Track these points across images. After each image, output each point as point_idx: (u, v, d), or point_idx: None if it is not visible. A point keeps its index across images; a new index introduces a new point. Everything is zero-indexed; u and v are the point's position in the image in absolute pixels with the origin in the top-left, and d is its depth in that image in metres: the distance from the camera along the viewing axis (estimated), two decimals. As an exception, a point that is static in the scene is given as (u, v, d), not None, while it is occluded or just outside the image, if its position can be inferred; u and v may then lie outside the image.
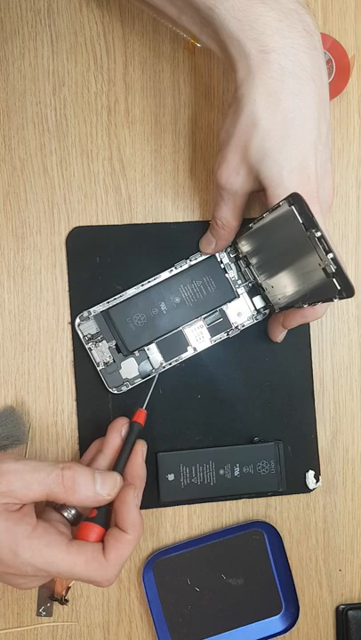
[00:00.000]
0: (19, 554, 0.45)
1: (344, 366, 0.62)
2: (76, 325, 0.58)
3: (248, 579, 0.61)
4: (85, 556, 0.46)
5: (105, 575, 0.47)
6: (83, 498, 0.47)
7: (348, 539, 0.62)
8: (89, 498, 0.48)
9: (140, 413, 0.53)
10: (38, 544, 0.45)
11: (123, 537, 0.48)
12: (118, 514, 0.49)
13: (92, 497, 0.48)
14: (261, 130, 0.47)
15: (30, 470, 0.46)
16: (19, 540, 0.45)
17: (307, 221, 0.45)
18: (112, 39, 0.60)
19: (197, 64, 0.61)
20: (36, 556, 0.45)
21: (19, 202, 0.59)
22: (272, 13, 0.45)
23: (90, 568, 0.46)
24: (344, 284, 0.44)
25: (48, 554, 0.45)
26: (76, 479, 0.47)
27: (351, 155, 0.62)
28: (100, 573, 0.46)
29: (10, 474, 0.46)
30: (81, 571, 0.46)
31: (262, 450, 0.60)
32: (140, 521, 0.49)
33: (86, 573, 0.46)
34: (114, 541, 0.48)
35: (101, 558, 0.47)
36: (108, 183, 0.60)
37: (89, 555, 0.46)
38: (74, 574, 0.46)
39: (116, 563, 0.47)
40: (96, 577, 0.46)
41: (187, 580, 0.60)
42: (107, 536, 0.48)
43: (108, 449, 0.53)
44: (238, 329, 0.59)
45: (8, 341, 0.59)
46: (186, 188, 0.61)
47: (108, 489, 0.48)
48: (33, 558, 0.45)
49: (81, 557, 0.46)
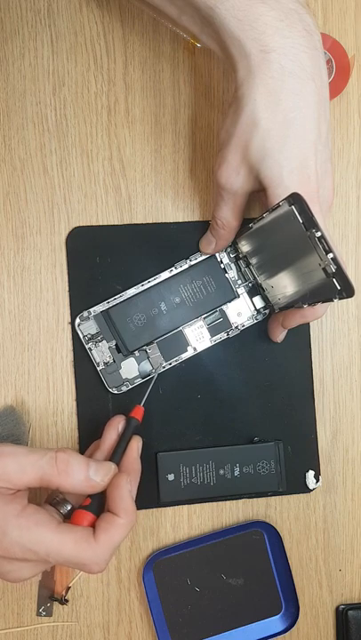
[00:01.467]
0: (7, 532, 0.44)
1: (344, 366, 0.62)
2: (76, 325, 0.58)
3: (248, 579, 0.61)
4: (75, 535, 0.46)
5: (94, 557, 0.46)
6: (75, 482, 0.47)
7: (348, 539, 0.62)
8: (81, 482, 0.47)
9: (138, 410, 0.53)
10: (27, 522, 0.45)
11: (114, 520, 0.47)
12: (111, 499, 0.48)
13: (85, 481, 0.47)
14: (262, 130, 0.47)
15: (25, 453, 0.46)
16: (8, 517, 0.45)
17: (307, 221, 0.45)
18: (112, 39, 0.60)
19: (197, 64, 0.61)
20: (24, 535, 0.45)
21: (19, 202, 0.59)
22: (272, 13, 0.45)
23: (79, 549, 0.45)
24: (344, 284, 0.44)
25: (36, 532, 0.45)
26: (70, 462, 0.47)
27: (351, 155, 0.62)
28: (90, 554, 0.46)
29: (4, 455, 0.46)
30: (70, 551, 0.45)
31: (262, 450, 0.60)
32: (132, 507, 0.48)
33: (76, 554, 0.45)
34: (105, 524, 0.47)
35: (91, 539, 0.46)
36: (108, 183, 0.60)
37: (78, 535, 0.46)
38: (62, 555, 0.45)
39: (106, 546, 0.46)
40: (85, 559, 0.46)
41: (187, 580, 0.60)
42: (98, 520, 0.48)
43: (104, 445, 0.53)
44: (238, 329, 0.59)
45: (8, 341, 0.59)
46: (186, 188, 0.61)
47: (101, 475, 0.48)
48: (21, 537, 0.44)
49: (70, 537, 0.45)
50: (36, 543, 0.45)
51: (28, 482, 0.46)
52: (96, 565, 0.46)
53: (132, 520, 0.48)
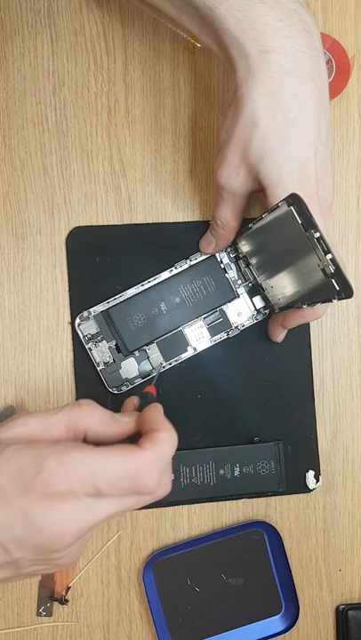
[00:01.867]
0: (43, 464, 0.37)
1: (344, 366, 0.62)
2: (76, 325, 0.58)
3: (248, 579, 0.61)
4: (118, 448, 0.40)
5: (145, 463, 0.39)
6: (102, 419, 0.43)
7: (348, 539, 0.62)
8: (108, 419, 0.43)
9: (151, 389, 0.51)
10: (65, 446, 0.39)
11: (156, 434, 0.41)
12: (145, 422, 0.43)
13: (111, 419, 0.43)
14: (261, 130, 0.47)
15: (45, 412, 0.42)
16: (41, 449, 0.39)
17: (306, 222, 0.45)
18: (112, 39, 0.60)
19: (197, 64, 0.60)
20: (63, 460, 0.38)
21: (19, 202, 0.59)
22: (272, 13, 0.45)
23: (126, 457, 0.39)
24: (343, 285, 0.44)
25: (76, 452, 0.38)
26: (92, 403, 0.43)
27: (351, 155, 0.62)
28: (139, 461, 0.39)
29: (28, 417, 0.41)
30: (116, 462, 0.38)
31: (262, 450, 0.60)
32: (170, 425, 0.43)
33: (123, 464, 0.39)
34: (147, 439, 0.41)
35: (137, 448, 0.40)
36: (108, 183, 0.60)
37: (121, 447, 0.40)
38: (108, 471, 0.38)
39: (155, 454, 0.40)
40: (134, 467, 0.39)
41: (187, 580, 0.60)
42: (139, 441, 0.42)
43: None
44: (238, 329, 0.59)
45: (8, 341, 0.59)
46: (186, 188, 0.61)
47: (128, 416, 0.44)
48: (60, 464, 0.37)
49: (113, 450, 0.39)
50: (77, 463, 0.38)
51: (57, 436, 0.42)
52: (149, 478, 0.39)
53: (174, 435, 0.42)
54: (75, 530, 0.38)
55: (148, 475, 0.39)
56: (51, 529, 0.37)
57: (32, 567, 0.40)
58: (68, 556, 0.40)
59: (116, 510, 0.40)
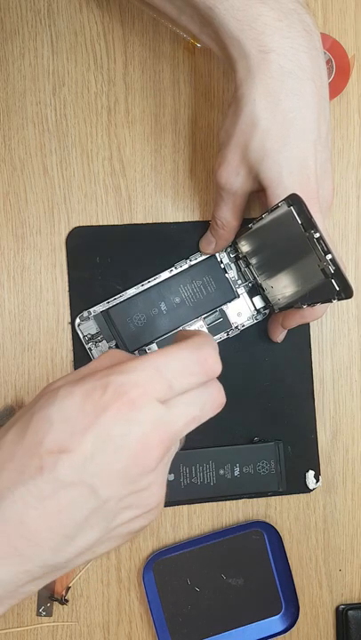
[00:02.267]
0: (108, 380, 0.34)
1: (344, 366, 0.62)
2: (76, 325, 0.58)
3: (248, 579, 0.61)
4: (168, 346, 0.37)
5: (204, 348, 0.37)
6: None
7: (348, 539, 0.62)
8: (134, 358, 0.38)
9: None
10: (119, 362, 0.36)
11: (196, 332, 0.39)
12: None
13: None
14: (261, 130, 0.47)
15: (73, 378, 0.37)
16: (97, 372, 0.35)
17: (305, 222, 0.45)
18: (112, 39, 0.60)
19: (197, 64, 0.60)
20: (125, 369, 0.34)
21: (19, 202, 0.59)
22: (272, 13, 0.45)
23: (182, 347, 0.36)
24: (343, 285, 0.44)
25: (134, 360, 0.35)
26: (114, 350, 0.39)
27: (351, 155, 0.62)
28: (197, 345, 0.37)
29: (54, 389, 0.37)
30: (178, 353, 0.36)
31: (262, 450, 0.60)
32: None
33: (184, 352, 0.36)
34: (191, 335, 0.38)
35: (185, 340, 0.37)
36: (108, 183, 0.60)
37: (172, 345, 0.37)
38: (172, 361, 0.35)
39: (204, 338, 0.38)
40: (196, 351, 0.36)
41: (187, 580, 0.60)
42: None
43: None
44: (238, 329, 0.59)
45: (8, 341, 0.59)
46: (186, 188, 0.61)
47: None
48: (124, 373, 0.34)
49: (166, 347, 0.36)
50: (141, 368, 0.35)
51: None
52: (211, 355, 0.37)
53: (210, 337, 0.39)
54: (157, 440, 0.34)
55: (210, 354, 0.37)
56: (133, 444, 0.33)
57: (123, 514, 0.36)
58: (155, 485, 0.36)
59: (192, 415, 0.37)
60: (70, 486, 0.33)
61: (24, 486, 0.32)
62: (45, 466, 0.32)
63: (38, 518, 0.33)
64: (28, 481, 0.32)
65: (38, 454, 0.33)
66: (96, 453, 0.33)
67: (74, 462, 0.32)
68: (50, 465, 0.32)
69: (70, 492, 0.33)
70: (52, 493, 0.32)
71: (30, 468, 0.33)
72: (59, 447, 0.33)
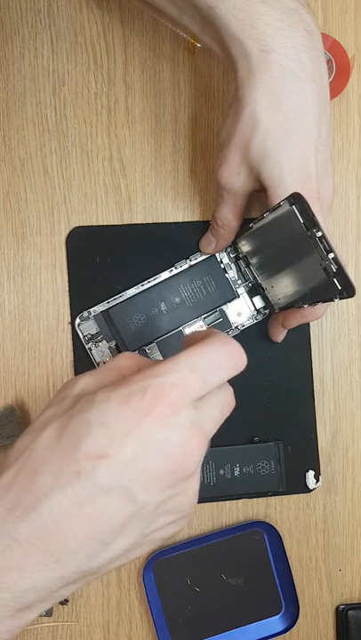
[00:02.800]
0: (146, 383, 0.33)
1: (344, 366, 0.62)
2: (76, 325, 0.58)
3: (248, 579, 0.61)
4: (195, 345, 0.36)
5: (229, 342, 0.37)
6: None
7: (348, 539, 0.62)
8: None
9: None
10: (150, 365, 0.36)
11: (212, 331, 0.39)
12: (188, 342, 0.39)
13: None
14: (262, 130, 0.47)
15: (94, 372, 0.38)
16: (132, 377, 0.35)
17: (308, 221, 0.45)
18: (112, 39, 0.60)
19: (197, 64, 0.61)
20: (161, 371, 0.34)
21: (19, 202, 0.59)
22: (273, 13, 0.45)
23: (207, 343, 0.36)
24: (345, 284, 0.44)
25: (165, 362, 0.35)
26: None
27: (351, 155, 0.62)
28: (223, 340, 0.37)
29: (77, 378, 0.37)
30: (206, 349, 0.35)
31: (262, 450, 0.60)
32: None
33: (212, 347, 0.36)
34: (209, 334, 0.38)
35: (209, 338, 0.37)
36: (108, 183, 0.60)
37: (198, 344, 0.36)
38: (202, 359, 0.35)
39: (223, 335, 0.37)
40: (223, 346, 0.36)
41: (187, 580, 0.60)
42: None
43: None
44: (238, 329, 0.59)
45: (8, 341, 0.59)
46: (186, 187, 0.61)
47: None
48: (161, 375, 0.34)
49: (194, 346, 0.36)
50: (175, 369, 0.34)
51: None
52: (237, 348, 0.37)
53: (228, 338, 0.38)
54: (196, 444, 0.34)
55: (237, 346, 0.37)
56: (174, 449, 0.33)
57: (159, 519, 0.35)
58: (191, 489, 0.36)
59: (216, 416, 0.37)
60: (108, 492, 0.32)
61: (61, 491, 0.32)
62: (83, 471, 0.32)
63: (75, 524, 0.32)
64: (65, 486, 0.32)
65: (75, 459, 0.32)
66: (137, 459, 0.32)
67: (113, 467, 0.32)
68: (88, 470, 0.32)
69: (108, 498, 0.32)
70: (89, 499, 0.32)
71: (67, 472, 0.32)
72: (97, 452, 0.32)
